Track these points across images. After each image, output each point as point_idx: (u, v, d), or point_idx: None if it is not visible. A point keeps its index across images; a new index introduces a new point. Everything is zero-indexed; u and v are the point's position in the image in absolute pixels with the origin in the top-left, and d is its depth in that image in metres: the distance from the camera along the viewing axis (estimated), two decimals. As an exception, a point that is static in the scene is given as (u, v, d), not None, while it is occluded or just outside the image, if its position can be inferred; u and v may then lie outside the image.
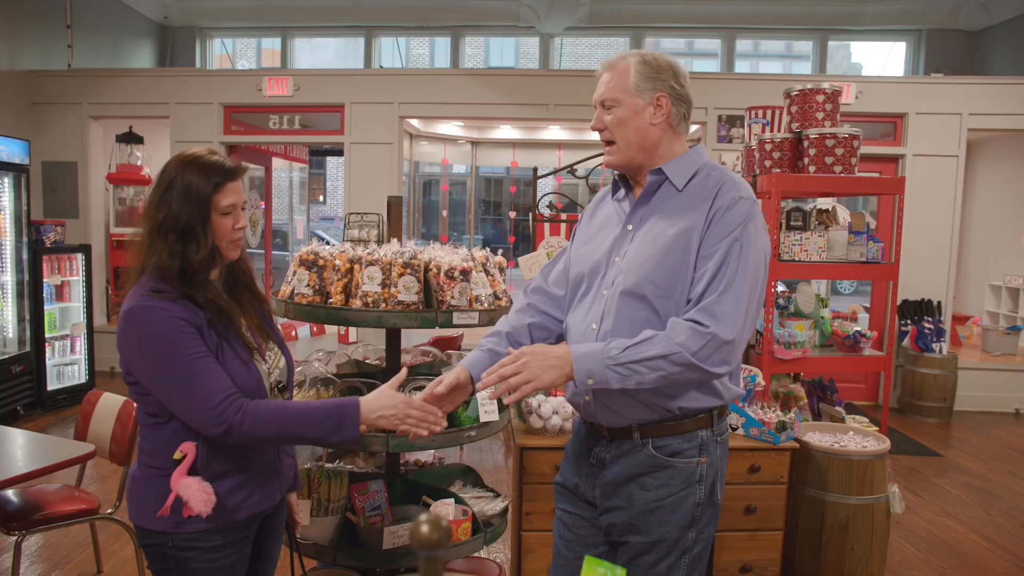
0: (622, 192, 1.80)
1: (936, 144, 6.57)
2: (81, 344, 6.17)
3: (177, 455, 1.67)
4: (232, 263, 1.87)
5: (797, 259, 3.26)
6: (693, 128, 7.34)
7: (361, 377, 2.50)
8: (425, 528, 0.58)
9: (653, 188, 1.71)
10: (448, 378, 1.76)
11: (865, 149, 5.29)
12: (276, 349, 1.92)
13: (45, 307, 5.74)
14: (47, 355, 5.80)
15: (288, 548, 2.10)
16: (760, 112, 3.93)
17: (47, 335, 5.79)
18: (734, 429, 2.88)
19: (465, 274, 2.39)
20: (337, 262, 2.43)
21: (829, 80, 5.15)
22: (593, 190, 3.39)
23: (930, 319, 6.36)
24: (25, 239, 5.59)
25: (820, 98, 3.29)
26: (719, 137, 6.77)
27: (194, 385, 1.62)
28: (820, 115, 3.30)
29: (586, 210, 1.95)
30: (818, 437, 3.08)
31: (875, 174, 6.40)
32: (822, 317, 3.63)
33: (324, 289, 2.43)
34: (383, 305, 2.32)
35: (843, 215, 3.62)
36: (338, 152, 7.28)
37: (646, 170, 1.71)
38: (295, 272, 2.45)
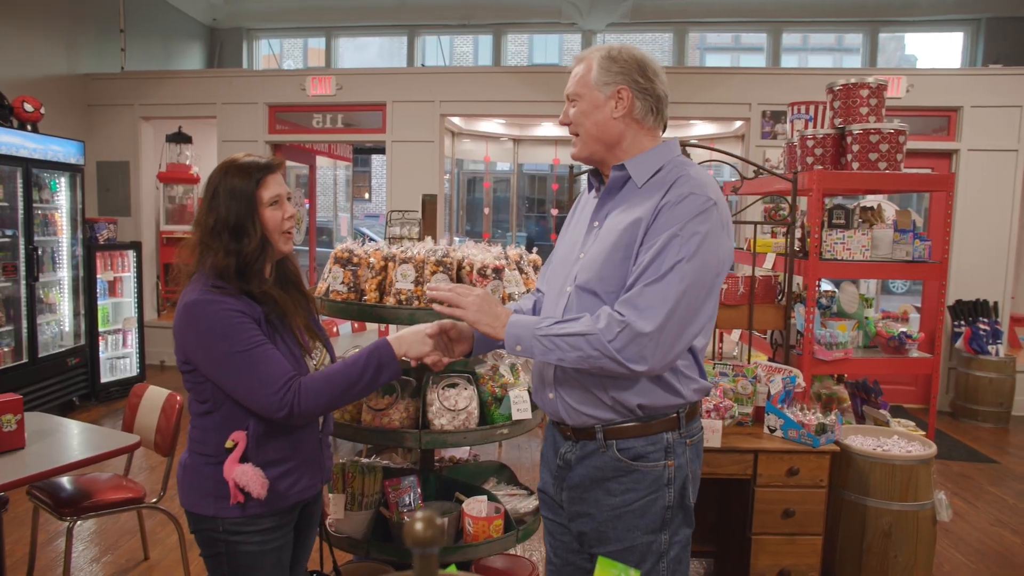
0: (595, 188, 1.80)
1: (993, 138, 6.34)
2: (132, 338, 6.37)
3: (229, 444, 1.74)
4: (281, 262, 1.94)
5: (839, 258, 3.18)
6: (736, 124, 7.22)
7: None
8: (419, 526, 0.58)
9: (617, 184, 1.70)
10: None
11: (916, 144, 5.13)
12: (322, 347, 1.97)
13: (99, 302, 5.95)
14: (100, 348, 6.01)
15: (320, 539, 2.15)
16: (803, 107, 3.84)
17: (100, 329, 5.99)
18: (772, 431, 2.83)
19: (498, 272, 2.39)
20: (372, 260, 2.46)
21: (877, 74, 5.01)
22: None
23: (985, 320, 6.13)
24: (80, 236, 5.79)
25: (864, 92, 3.20)
26: (763, 133, 6.64)
27: (256, 373, 1.70)
28: (864, 110, 3.21)
29: (573, 205, 1.94)
30: (860, 440, 3.00)
31: (926, 170, 6.20)
32: (866, 317, 3.54)
33: (358, 286, 2.46)
34: (416, 303, 2.34)
35: (889, 213, 3.52)
36: (380, 150, 7.35)
37: (611, 164, 1.70)
38: (331, 269, 2.49)
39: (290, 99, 7.16)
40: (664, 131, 1.74)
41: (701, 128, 8.16)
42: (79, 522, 2.83)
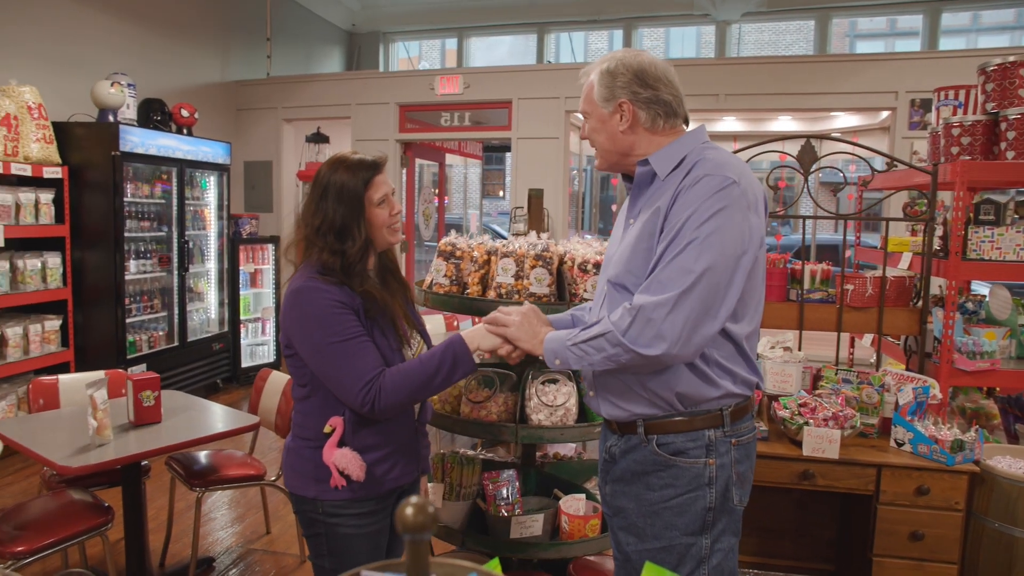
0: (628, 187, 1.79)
1: None
2: (270, 327, 6.81)
3: (327, 429, 1.81)
4: (380, 252, 1.99)
5: (987, 258, 2.86)
6: (883, 115, 6.71)
7: (492, 367, 2.53)
8: (409, 511, 0.57)
9: (645, 179, 1.67)
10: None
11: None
12: (419, 337, 2.01)
13: (241, 292, 6.41)
14: (242, 335, 6.47)
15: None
16: (951, 93, 3.49)
17: (242, 317, 6.46)
18: (900, 445, 2.60)
19: (598, 267, 2.34)
20: (475, 253, 2.48)
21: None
22: (774, 188, 3.19)
23: None
24: (225, 231, 6.26)
25: None
26: (911, 124, 6.13)
27: (346, 365, 1.76)
28: None
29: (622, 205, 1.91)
30: (1007, 463, 2.69)
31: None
32: (1021, 325, 3.17)
33: (461, 279, 2.49)
34: (516, 297, 2.34)
35: (1052, 208, 3.12)
36: (509, 148, 7.44)
37: (635, 167, 1.68)
38: (435, 263, 2.54)
39: (420, 98, 7.39)
40: (687, 125, 1.70)
41: (843, 120, 7.65)
42: (206, 493, 3.04)
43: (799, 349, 3.02)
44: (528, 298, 2.31)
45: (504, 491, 2.50)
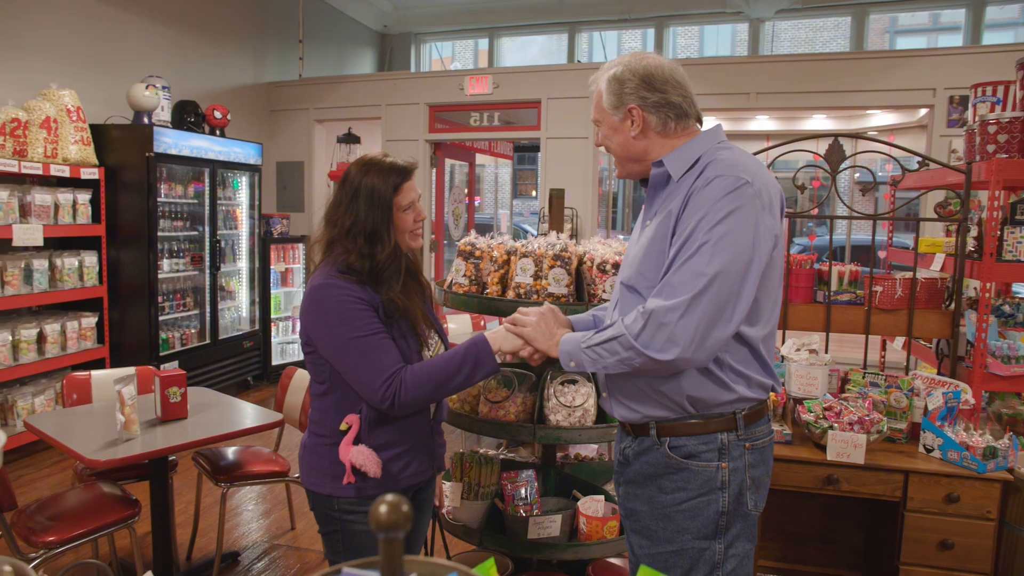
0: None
1: None
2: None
3: (343, 426, 1.83)
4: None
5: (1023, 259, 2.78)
6: (921, 113, 6.56)
7: (512, 367, 2.53)
8: (383, 508, 0.57)
9: (660, 181, 1.65)
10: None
11: None
12: (436, 338, 2.02)
13: (271, 291, 6.50)
14: (272, 334, 6.56)
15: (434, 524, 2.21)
16: (989, 89, 3.39)
17: (272, 316, 6.55)
18: (929, 451, 2.53)
19: (617, 267, 2.32)
20: (495, 253, 2.48)
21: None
22: (799, 188, 3.14)
23: None
24: (256, 230, 6.36)
25: (1062, 68, 2.77)
26: (949, 121, 5.97)
27: (366, 360, 1.77)
28: (1062, 89, 2.78)
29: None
30: (1043, 470, 2.61)
31: None
32: (1061, 329, 3.07)
33: (480, 279, 2.49)
34: (535, 297, 2.33)
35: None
36: (537, 147, 7.44)
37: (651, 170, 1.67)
38: (456, 262, 2.54)
39: (449, 99, 7.41)
40: (700, 125, 1.68)
41: (880, 118, 7.49)
42: (232, 489, 3.09)
43: (826, 351, 2.96)
44: (547, 298, 2.30)
45: (523, 491, 2.50)
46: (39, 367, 4.54)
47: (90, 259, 4.90)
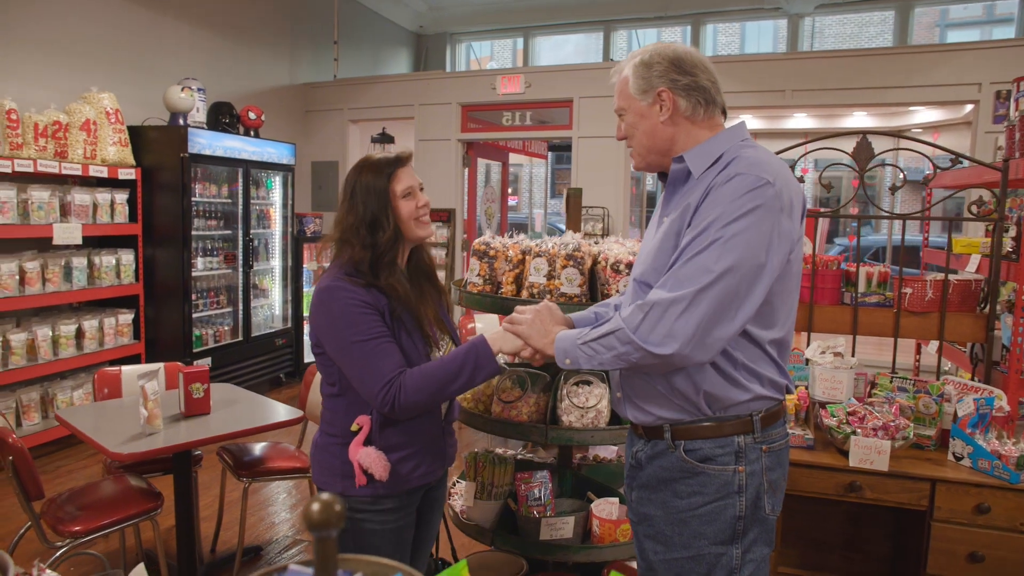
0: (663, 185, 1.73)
1: None
2: (334, 323, 6.96)
3: (354, 427, 1.84)
4: (416, 253, 2.02)
5: (1062, 260, 2.66)
6: (966, 109, 6.34)
7: (525, 367, 2.51)
8: (315, 507, 0.56)
9: (679, 177, 1.61)
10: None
11: None
12: (449, 341, 2.02)
13: (304, 289, 6.58)
14: (305, 331, 6.64)
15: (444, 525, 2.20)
16: (1030, 83, 3.26)
17: (305, 314, 6.63)
18: (959, 459, 2.45)
19: (630, 267, 2.29)
20: (510, 252, 2.47)
21: None
22: (826, 187, 3.06)
23: None
24: (289, 229, 6.45)
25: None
26: (995, 117, 5.76)
27: (368, 364, 1.78)
28: (1106, 83, 2.66)
29: (657, 203, 1.84)
30: (1082, 481, 2.49)
31: None
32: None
33: (495, 279, 2.48)
34: (548, 297, 2.31)
35: None
36: (570, 147, 7.41)
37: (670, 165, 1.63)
38: (471, 262, 2.54)
39: (481, 98, 7.42)
40: (724, 117, 1.63)
41: (923, 115, 7.28)
42: (256, 484, 3.14)
43: (852, 354, 2.88)
44: (559, 298, 2.28)
45: (537, 492, 2.48)
46: (78, 362, 4.67)
47: (127, 257, 5.02)
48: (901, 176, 3.19)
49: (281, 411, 3.05)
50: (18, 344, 4.36)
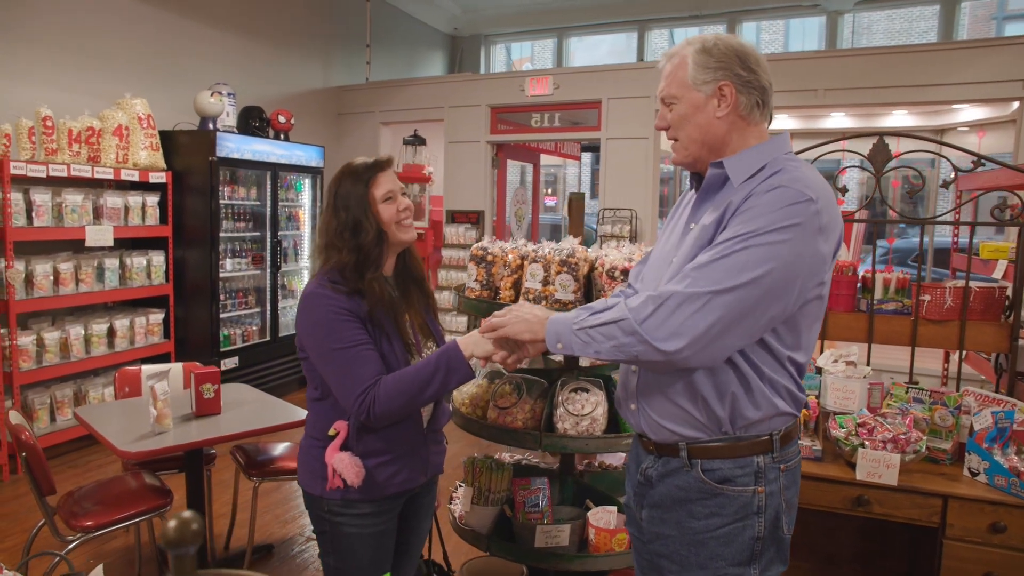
0: (694, 187, 1.63)
1: None
2: (361, 323, 7.04)
3: (331, 432, 1.85)
4: (404, 257, 2.02)
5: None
6: (1014, 106, 6.10)
7: (523, 372, 2.49)
8: (172, 524, 0.56)
9: (716, 183, 1.53)
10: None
11: None
12: (434, 346, 2.02)
13: (332, 290, 6.65)
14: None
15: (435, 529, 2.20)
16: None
17: (333, 314, 6.71)
18: (975, 474, 2.35)
19: (626, 273, 2.25)
20: (509, 257, 2.45)
21: None
22: (840, 189, 2.97)
23: None
24: (319, 231, 6.53)
25: None
26: (1041, 115, 5.53)
27: (346, 371, 1.79)
28: None
29: (676, 203, 1.77)
30: (1108, 500, 2.37)
31: None
32: None
33: (492, 284, 2.47)
34: (543, 302, 2.29)
35: None
36: (596, 148, 7.36)
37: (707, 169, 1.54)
38: (469, 267, 2.53)
39: (510, 100, 7.41)
40: (769, 124, 1.55)
41: (967, 113, 7.02)
42: (265, 482, 3.18)
43: (867, 363, 2.79)
44: (554, 304, 2.26)
45: (535, 498, 2.46)
46: (109, 360, 4.81)
47: (157, 258, 5.15)
48: (952, 174, 3.05)
49: (290, 412, 3.09)
50: (52, 342, 4.51)
